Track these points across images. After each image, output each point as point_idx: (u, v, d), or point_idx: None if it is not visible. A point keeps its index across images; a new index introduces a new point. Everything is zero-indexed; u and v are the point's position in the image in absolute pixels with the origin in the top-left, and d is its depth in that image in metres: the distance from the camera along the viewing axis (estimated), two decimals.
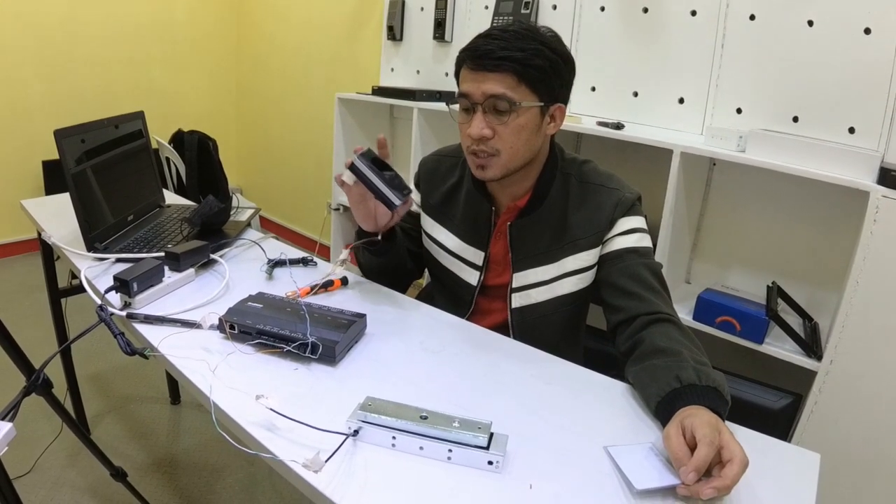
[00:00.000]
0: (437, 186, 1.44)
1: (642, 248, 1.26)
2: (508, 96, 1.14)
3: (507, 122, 1.17)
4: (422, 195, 1.47)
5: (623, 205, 1.26)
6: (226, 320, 1.07)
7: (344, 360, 1.05)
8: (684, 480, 0.77)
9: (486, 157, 1.21)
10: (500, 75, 1.14)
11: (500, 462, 0.79)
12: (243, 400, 0.88)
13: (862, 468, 1.67)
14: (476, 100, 1.17)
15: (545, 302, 1.31)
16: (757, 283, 2.07)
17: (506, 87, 1.14)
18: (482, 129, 1.18)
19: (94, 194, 1.50)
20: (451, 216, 1.41)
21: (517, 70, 1.13)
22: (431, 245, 1.45)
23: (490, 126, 1.18)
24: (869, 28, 1.73)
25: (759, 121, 2.00)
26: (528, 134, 1.19)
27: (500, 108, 1.16)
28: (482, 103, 1.17)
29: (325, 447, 0.79)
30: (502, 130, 1.18)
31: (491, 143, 1.19)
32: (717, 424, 0.83)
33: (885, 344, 1.59)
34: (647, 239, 1.28)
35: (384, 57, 3.29)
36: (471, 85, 1.18)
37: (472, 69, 1.17)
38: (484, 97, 1.16)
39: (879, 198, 1.56)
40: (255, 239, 1.60)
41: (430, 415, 0.83)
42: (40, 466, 2.00)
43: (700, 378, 0.94)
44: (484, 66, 1.15)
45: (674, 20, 2.16)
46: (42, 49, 3.67)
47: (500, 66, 1.13)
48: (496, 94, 1.15)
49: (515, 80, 1.14)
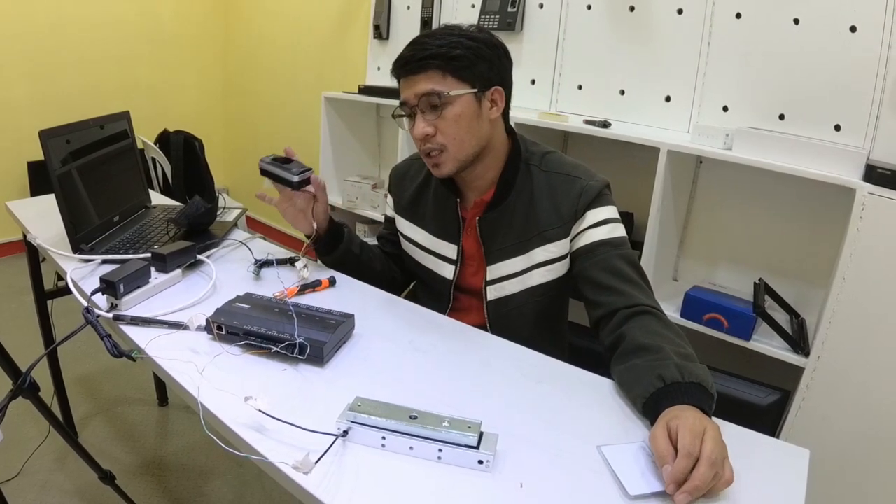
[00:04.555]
0: (407, 188, 1.48)
1: (615, 239, 1.25)
2: (437, 90, 1.20)
3: (444, 115, 1.21)
4: (394, 199, 1.52)
5: (588, 193, 1.26)
6: (213, 321, 1.06)
7: (332, 361, 1.04)
8: (667, 491, 0.77)
9: (437, 155, 1.26)
10: (426, 74, 1.20)
11: (491, 461, 0.79)
12: (232, 401, 0.88)
13: (849, 464, 1.68)
14: (412, 103, 1.24)
15: (518, 294, 1.33)
16: (744, 281, 2.08)
17: (433, 83, 1.20)
18: (423, 127, 1.23)
19: (80, 195, 1.49)
20: (421, 214, 1.45)
21: (439, 64, 1.19)
22: (408, 245, 1.49)
23: (430, 123, 1.23)
24: (854, 26, 1.75)
25: (745, 118, 2.01)
26: (467, 121, 1.23)
27: (433, 103, 1.21)
28: (417, 104, 1.23)
29: (315, 448, 0.79)
30: (441, 124, 1.22)
31: (435, 140, 1.24)
32: (701, 426, 0.82)
33: (871, 340, 1.60)
34: (619, 228, 1.27)
35: (371, 56, 3.28)
36: (404, 91, 1.25)
37: (403, 76, 1.25)
38: (417, 98, 1.22)
39: (865, 195, 1.57)
40: (242, 239, 1.59)
41: (419, 414, 0.83)
42: (28, 470, 1.98)
43: (683, 375, 0.94)
44: (410, 70, 1.22)
45: (660, 18, 2.17)
46: (26, 48, 3.63)
47: (424, 66, 1.20)
48: (425, 92, 1.20)
49: (440, 75, 1.20)
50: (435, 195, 1.41)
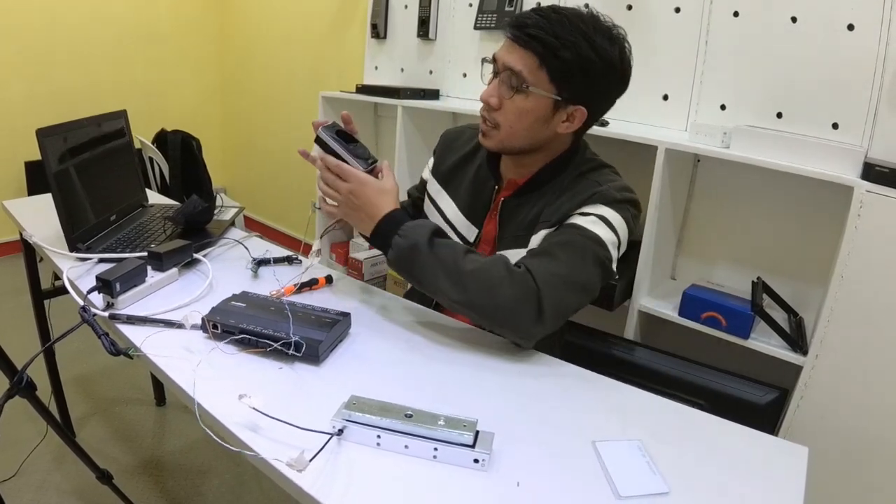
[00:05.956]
0: (452, 154, 1.45)
1: (586, 229, 1.16)
2: (523, 75, 1.15)
3: (514, 100, 1.17)
4: (435, 161, 1.49)
5: (597, 196, 1.19)
6: (209, 320, 1.05)
7: (328, 359, 1.04)
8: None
9: (488, 127, 1.24)
10: (525, 52, 1.14)
11: (487, 460, 0.79)
12: (227, 399, 0.87)
13: (848, 462, 1.68)
14: (497, 67, 1.20)
15: None
16: (742, 279, 2.07)
17: (524, 65, 1.15)
18: (490, 95, 1.20)
19: (77, 194, 1.49)
20: (456, 185, 1.42)
21: (541, 54, 1.13)
22: (431, 210, 1.46)
23: (500, 97, 1.19)
24: (852, 24, 1.74)
25: (743, 117, 2.01)
26: (531, 120, 1.19)
27: (513, 83, 1.16)
28: (501, 72, 1.18)
29: (310, 446, 0.78)
30: (507, 105, 1.19)
31: (494, 115, 1.21)
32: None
33: (869, 338, 1.60)
34: (602, 227, 1.17)
35: (368, 55, 3.27)
36: (500, 51, 1.20)
37: (508, 36, 1.18)
38: (503, 67, 1.18)
39: (863, 192, 1.56)
40: (239, 238, 1.58)
41: (415, 413, 0.83)
42: (25, 470, 1.98)
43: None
44: (515, 38, 1.15)
45: (657, 17, 2.16)
46: (23, 48, 3.63)
47: (529, 44, 1.13)
48: (512, 69, 1.15)
49: (536, 63, 1.14)
50: (476, 173, 1.39)
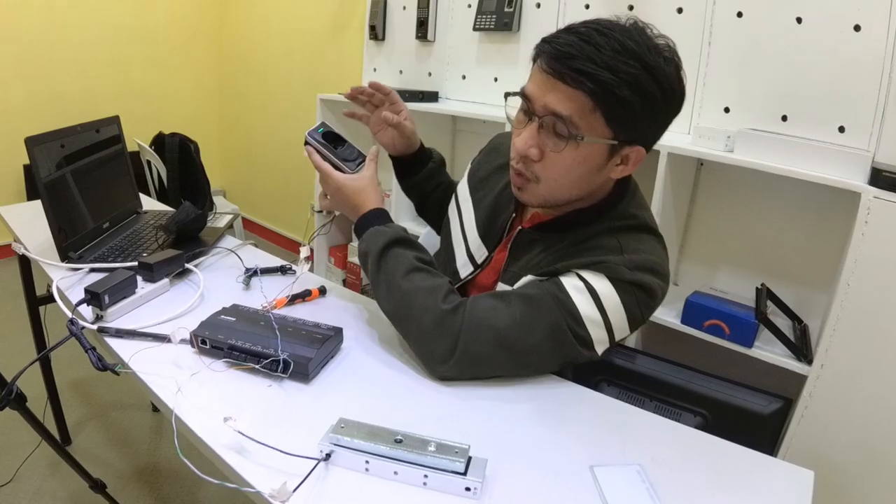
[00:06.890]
0: (490, 162, 1.29)
1: (566, 294, 0.98)
2: (574, 122, 0.92)
3: (562, 152, 0.95)
4: (473, 165, 1.35)
5: (603, 266, 0.99)
6: (196, 335, 1.03)
7: (318, 377, 1.01)
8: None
9: (524, 182, 1.03)
10: (574, 92, 0.91)
11: (479, 488, 0.76)
12: (213, 421, 0.85)
13: (853, 473, 1.65)
14: (535, 110, 0.96)
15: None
16: (745, 285, 2.04)
17: (574, 109, 0.92)
18: (529, 147, 0.98)
19: (69, 202, 1.46)
20: (482, 196, 1.26)
21: (596, 94, 0.90)
22: (454, 214, 1.32)
23: (540, 147, 0.97)
24: (858, 25, 1.71)
25: (747, 120, 1.98)
26: (581, 171, 0.98)
27: (559, 130, 0.94)
28: (542, 116, 0.95)
29: (296, 472, 0.76)
30: (553, 158, 0.97)
31: (534, 168, 0.99)
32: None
33: (876, 348, 1.57)
34: (586, 300, 0.97)
35: (367, 57, 3.25)
36: (536, 88, 0.96)
37: (545, 70, 0.94)
38: (545, 111, 0.94)
39: (871, 199, 1.53)
40: (233, 247, 1.55)
41: (405, 438, 0.80)
42: (21, 476, 1.97)
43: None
44: (558, 73, 0.91)
45: (660, 18, 2.12)
46: (22, 52, 3.62)
47: (578, 82, 0.90)
48: (559, 114, 0.93)
49: (590, 106, 0.91)
50: (503, 190, 1.20)
